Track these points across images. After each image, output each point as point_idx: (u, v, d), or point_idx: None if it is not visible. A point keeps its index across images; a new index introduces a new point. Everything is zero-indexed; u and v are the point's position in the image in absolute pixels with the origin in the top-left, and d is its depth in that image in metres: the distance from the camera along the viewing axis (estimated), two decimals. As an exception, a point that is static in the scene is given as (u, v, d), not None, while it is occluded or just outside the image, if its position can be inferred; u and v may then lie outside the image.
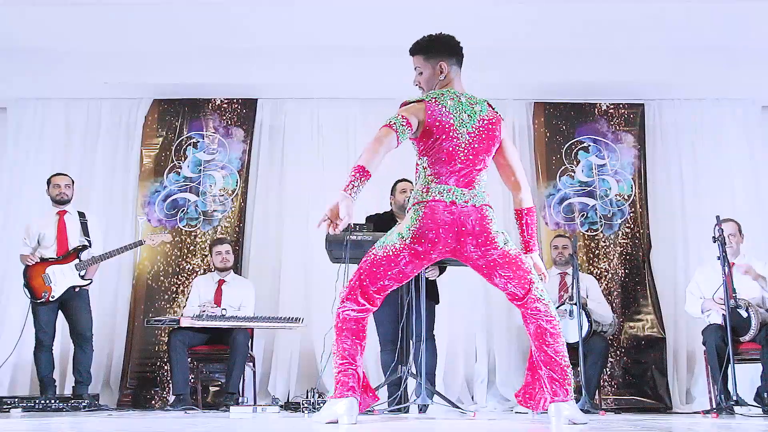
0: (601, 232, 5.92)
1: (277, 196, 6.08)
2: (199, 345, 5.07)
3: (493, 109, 2.90)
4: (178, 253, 5.82)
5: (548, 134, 6.13)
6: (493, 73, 5.83)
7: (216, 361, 5.23)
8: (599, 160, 6.07)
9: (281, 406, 4.63)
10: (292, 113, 6.21)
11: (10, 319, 5.51)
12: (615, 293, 5.75)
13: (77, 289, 4.98)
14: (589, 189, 6.02)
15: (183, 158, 6.06)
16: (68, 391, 5.20)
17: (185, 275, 5.78)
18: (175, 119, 6.14)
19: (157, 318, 5.08)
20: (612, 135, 6.13)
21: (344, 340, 2.76)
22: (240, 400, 4.68)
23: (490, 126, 2.82)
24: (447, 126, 2.76)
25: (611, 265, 5.82)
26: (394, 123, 2.69)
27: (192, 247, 5.86)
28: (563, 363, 2.78)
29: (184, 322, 4.86)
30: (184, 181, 6.02)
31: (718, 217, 4.53)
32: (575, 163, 6.07)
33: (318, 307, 5.42)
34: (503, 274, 2.76)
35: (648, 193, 6.00)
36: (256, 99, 6.19)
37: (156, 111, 6.16)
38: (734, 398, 4.19)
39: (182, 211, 5.94)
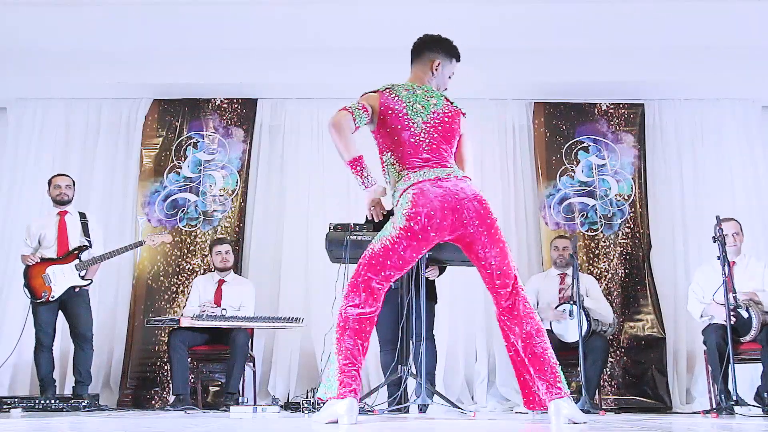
0: (601, 232, 5.92)
1: (277, 196, 6.08)
2: (199, 345, 5.07)
3: (452, 103, 2.94)
4: (178, 253, 5.82)
5: (548, 134, 6.13)
6: (493, 73, 5.84)
7: (216, 361, 5.23)
8: (599, 160, 6.07)
9: (281, 406, 4.62)
10: (292, 113, 6.21)
11: (10, 319, 5.51)
12: (615, 293, 5.74)
13: (77, 289, 4.97)
14: (589, 189, 6.02)
15: (183, 158, 6.06)
16: (68, 391, 5.20)
17: (185, 275, 5.78)
18: (175, 119, 6.14)
19: (157, 318, 5.06)
20: (612, 135, 6.13)
21: (346, 339, 2.72)
22: (240, 400, 4.67)
23: (446, 118, 2.86)
24: (400, 114, 2.80)
25: (611, 265, 5.82)
26: (350, 107, 2.76)
27: (192, 247, 5.86)
28: (553, 360, 2.76)
29: (184, 322, 4.86)
30: (184, 181, 6.02)
31: (718, 217, 4.52)
32: (575, 163, 6.07)
33: (318, 307, 5.43)
34: (494, 254, 2.73)
35: (648, 193, 6.00)
36: (256, 99, 6.20)
37: (156, 111, 6.16)
38: (734, 398, 4.17)
39: (182, 211, 5.94)
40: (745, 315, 4.45)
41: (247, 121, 6.14)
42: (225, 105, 6.17)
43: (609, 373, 5.55)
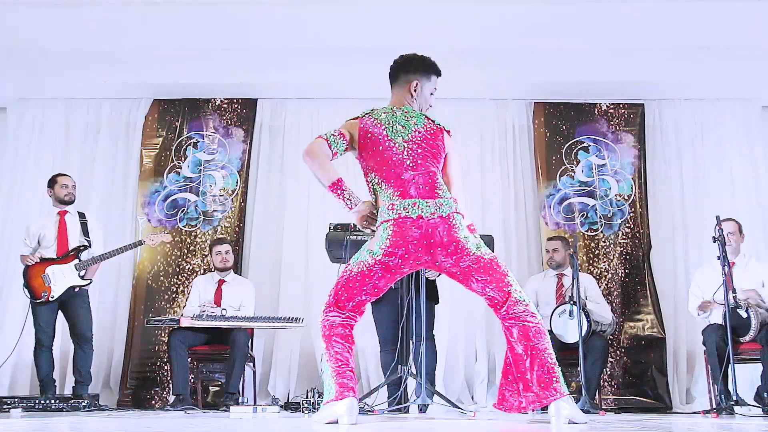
0: (601, 232, 5.92)
1: (277, 196, 6.08)
2: (199, 345, 5.07)
3: (434, 122, 2.94)
4: (178, 253, 5.82)
5: (548, 134, 6.13)
6: (493, 73, 5.84)
7: (216, 361, 5.23)
8: (599, 160, 6.07)
9: (281, 406, 4.62)
10: (292, 113, 6.21)
11: (10, 319, 5.51)
12: (615, 293, 5.75)
13: (77, 289, 4.96)
14: (589, 189, 6.02)
15: (183, 158, 6.06)
16: (68, 392, 5.20)
17: (185, 275, 5.78)
18: (175, 119, 6.14)
19: (157, 318, 5.07)
20: (612, 135, 6.13)
21: (334, 345, 2.77)
22: (240, 400, 4.67)
23: (429, 136, 2.87)
24: (380, 135, 2.84)
25: (611, 265, 5.82)
26: (325, 134, 2.85)
27: (192, 247, 5.86)
28: (551, 361, 2.75)
29: (184, 322, 4.86)
30: (184, 181, 6.02)
31: (718, 217, 4.52)
32: (575, 163, 6.07)
33: (318, 307, 5.35)
34: (480, 278, 2.76)
35: (648, 193, 6.00)
36: (256, 99, 6.20)
37: (156, 111, 6.17)
38: (734, 398, 4.17)
39: (182, 211, 5.94)
40: (744, 315, 4.44)
41: (247, 121, 6.15)
42: (225, 105, 6.18)
43: (609, 373, 5.55)
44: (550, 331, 4.92)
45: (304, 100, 6.20)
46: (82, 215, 5.15)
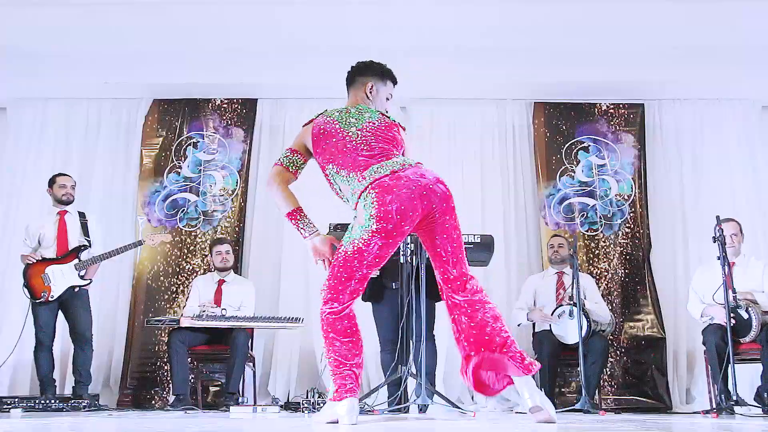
0: (601, 232, 5.92)
1: (278, 196, 6.07)
2: (199, 345, 5.07)
3: (389, 117, 2.93)
4: (178, 253, 5.82)
5: (548, 134, 6.13)
6: (493, 73, 5.84)
7: (216, 361, 5.23)
8: (599, 160, 6.07)
9: (281, 406, 4.62)
10: (292, 113, 6.20)
11: (9, 319, 5.51)
12: (615, 293, 5.74)
13: (77, 289, 4.96)
14: (589, 189, 6.02)
15: (183, 158, 6.06)
16: (68, 391, 5.20)
17: (185, 275, 5.78)
18: (175, 119, 6.14)
19: (157, 318, 5.06)
20: (612, 135, 6.13)
21: (333, 341, 2.73)
22: (240, 400, 4.67)
23: (383, 126, 2.85)
24: (333, 129, 2.83)
25: (611, 265, 5.82)
26: (279, 159, 2.91)
27: (192, 247, 5.86)
28: (510, 340, 2.76)
29: (184, 322, 4.85)
30: (184, 181, 6.02)
31: (718, 218, 4.51)
32: (575, 163, 6.07)
33: (318, 306, 5.38)
34: (452, 240, 2.72)
35: (648, 193, 6.00)
36: (256, 99, 6.20)
37: (156, 111, 6.17)
38: (734, 398, 4.16)
39: (182, 211, 5.94)
40: (745, 316, 4.43)
41: (247, 121, 6.14)
42: (225, 105, 6.18)
43: (609, 373, 5.55)
44: (550, 332, 4.94)
45: (304, 100, 6.17)
46: (81, 215, 5.15)
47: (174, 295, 5.74)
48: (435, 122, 6.20)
